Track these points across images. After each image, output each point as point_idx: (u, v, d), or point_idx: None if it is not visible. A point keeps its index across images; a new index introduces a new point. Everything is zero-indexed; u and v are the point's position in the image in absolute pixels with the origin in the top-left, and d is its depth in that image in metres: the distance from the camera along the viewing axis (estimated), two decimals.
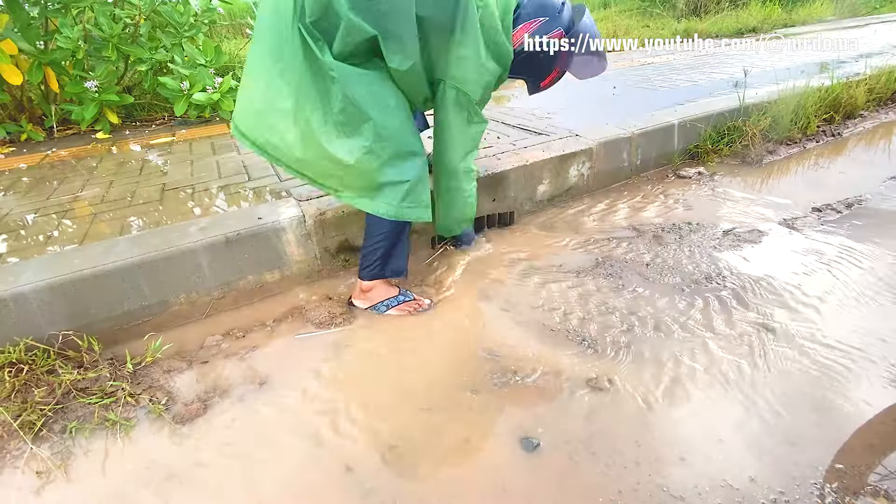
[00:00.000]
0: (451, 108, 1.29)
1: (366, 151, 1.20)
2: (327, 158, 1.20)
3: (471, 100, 1.28)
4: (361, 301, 1.48)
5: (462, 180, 1.41)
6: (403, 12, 1.11)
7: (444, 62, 1.22)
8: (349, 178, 1.24)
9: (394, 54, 1.15)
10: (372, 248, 1.39)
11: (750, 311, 1.38)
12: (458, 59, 1.21)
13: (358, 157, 1.19)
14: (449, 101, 1.28)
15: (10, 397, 1.14)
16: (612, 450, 1.00)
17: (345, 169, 1.21)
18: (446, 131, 1.33)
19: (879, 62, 3.42)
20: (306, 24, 1.09)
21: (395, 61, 1.16)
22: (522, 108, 2.92)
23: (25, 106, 2.83)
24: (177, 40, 2.85)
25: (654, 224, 1.91)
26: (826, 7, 7.95)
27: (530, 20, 1.30)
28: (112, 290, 1.33)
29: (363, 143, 1.19)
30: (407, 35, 1.14)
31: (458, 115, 1.30)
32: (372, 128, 1.19)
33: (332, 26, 1.11)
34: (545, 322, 1.39)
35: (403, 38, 1.14)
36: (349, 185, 1.26)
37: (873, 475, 0.92)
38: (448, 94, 1.27)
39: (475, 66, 1.23)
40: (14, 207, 1.79)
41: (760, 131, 2.55)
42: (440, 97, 1.29)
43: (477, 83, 1.26)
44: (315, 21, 1.09)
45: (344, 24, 1.09)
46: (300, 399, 1.18)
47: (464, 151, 1.37)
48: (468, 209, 1.49)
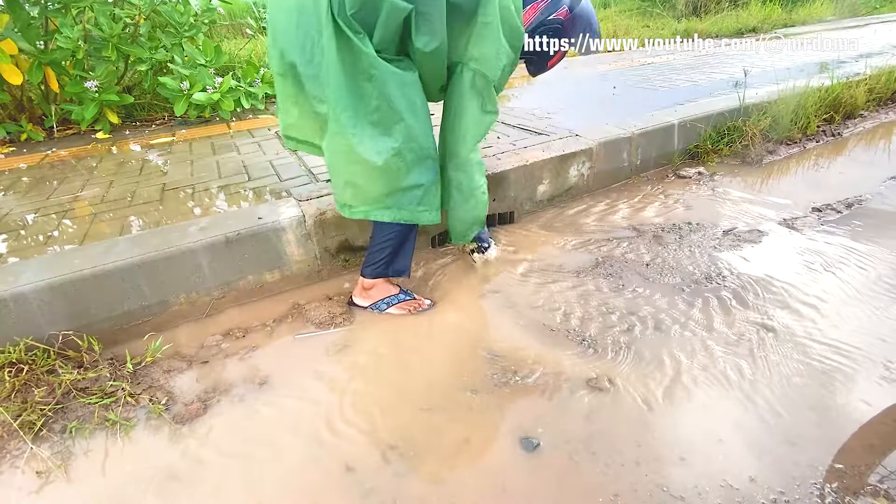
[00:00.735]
0: (467, 92, 1.29)
1: (394, 153, 1.20)
2: (354, 161, 1.20)
3: (488, 82, 1.27)
4: (362, 299, 1.48)
5: (474, 172, 1.41)
6: None
7: (463, 43, 1.23)
8: (369, 185, 1.23)
9: (423, 34, 1.15)
10: (379, 247, 1.39)
11: (750, 311, 1.38)
12: (479, 38, 1.22)
13: (386, 159, 1.20)
14: (465, 85, 1.28)
15: (10, 397, 1.14)
16: (612, 450, 1.00)
17: (368, 173, 1.21)
18: (459, 118, 1.33)
19: (879, 62, 3.42)
20: (347, 17, 1.08)
21: (423, 41, 1.16)
22: (522, 108, 2.92)
23: (25, 106, 2.83)
24: (177, 40, 2.85)
25: (654, 224, 1.91)
26: (826, 7, 7.95)
27: (537, 1, 1.30)
28: (112, 290, 1.33)
29: (392, 145, 1.20)
30: (437, 14, 1.14)
31: (473, 100, 1.30)
32: (403, 129, 1.20)
33: (373, 14, 1.10)
34: (545, 322, 1.39)
35: (433, 16, 1.14)
36: (364, 196, 1.25)
37: (873, 475, 0.92)
38: (465, 76, 1.27)
39: (495, 45, 1.23)
40: (14, 207, 1.79)
41: (760, 131, 2.55)
42: (456, 80, 1.28)
43: (495, 64, 1.25)
44: (356, 12, 1.08)
45: (386, 7, 1.08)
46: (300, 399, 1.18)
47: (474, 142, 1.37)
48: (480, 208, 1.48)
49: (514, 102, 3.14)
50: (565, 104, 2.98)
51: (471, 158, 1.39)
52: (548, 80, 3.92)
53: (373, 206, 1.27)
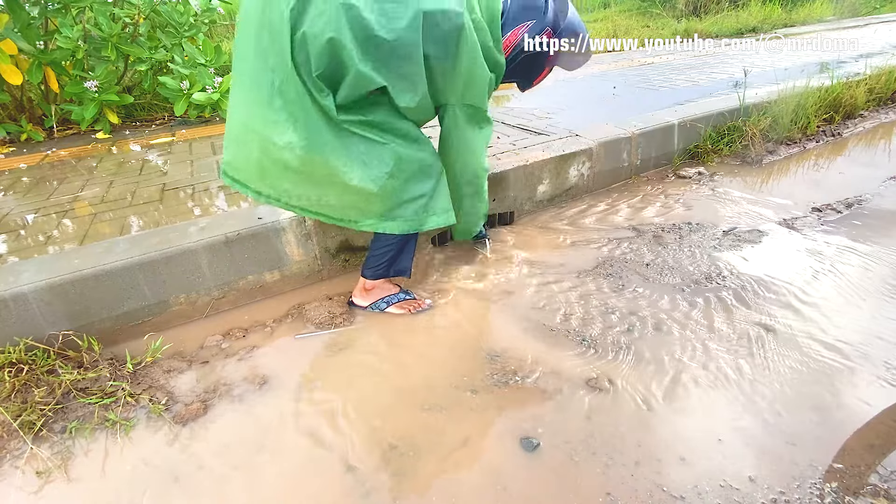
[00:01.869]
0: (466, 126, 1.31)
1: (389, 176, 1.21)
2: (351, 192, 1.20)
3: (480, 111, 1.31)
4: (362, 298, 1.48)
5: (482, 179, 1.45)
6: (414, 57, 1.11)
7: (451, 87, 1.23)
8: (371, 205, 1.24)
9: (403, 94, 1.15)
10: (382, 250, 1.39)
11: (750, 311, 1.39)
12: (471, 83, 1.23)
13: (382, 184, 1.20)
14: (462, 121, 1.30)
15: (10, 397, 1.14)
16: (612, 450, 1.00)
17: (367, 197, 1.21)
18: (465, 145, 1.35)
19: (879, 62, 3.42)
20: (312, 77, 1.07)
21: (405, 100, 1.16)
22: (522, 108, 2.92)
23: (25, 106, 2.83)
24: (177, 40, 2.85)
25: (654, 224, 1.91)
26: (826, 7, 7.95)
27: (518, 25, 1.28)
28: (112, 290, 1.33)
29: (385, 170, 1.20)
30: (417, 76, 1.14)
31: (473, 129, 1.33)
32: (392, 152, 1.20)
33: (339, 76, 1.09)
34: (545, 322, 1.39)
35: (414, 79, 1.14)
36: (369, 212, 1.26)
37: (873, 475, 0.92)
38: (459, 115, 1.29)
39: (481, 83, 1.25)
40: (14, 207, 1.79)
41: (760, 131, 2.55)
42: (451, 120, 1.30)
43: (483, 96, 1.29)
44: (321, 73, 1.07)
45: (353, 74, 1.07)
46: (300, 399, 1.18)
47: (484, 155, 1.42)
48: (483, 206, 1.52)
49: (514, 102, 3.15)
50: (565, 104, 2.98)
51: (482, 171, 1.43)
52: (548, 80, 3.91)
53: (378, 219, 1.27)
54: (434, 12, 1.08)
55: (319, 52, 1.04)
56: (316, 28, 1.02)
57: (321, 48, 1.03)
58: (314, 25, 1.02)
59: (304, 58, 1.05)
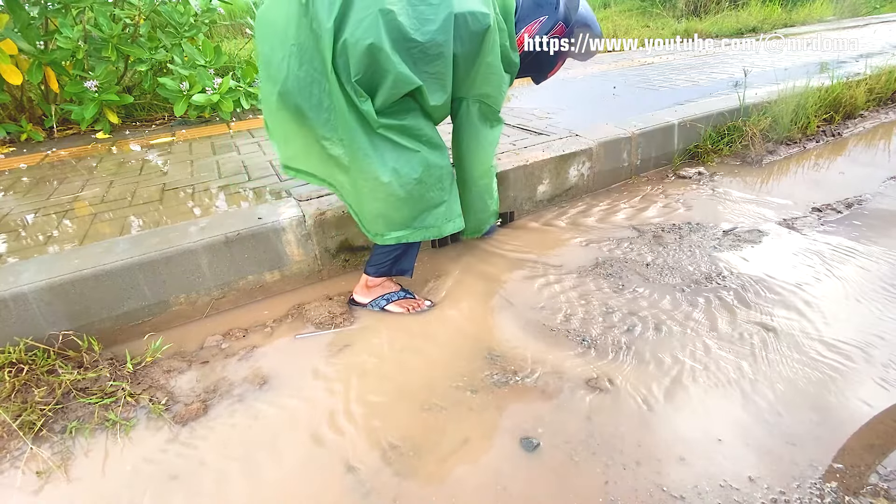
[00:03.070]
0: (478, 122, 1.37)
1: (417, 182, 1.24)
2: (379, 199, 1.24)
3: (494, 110, 1.36)
4: (363, 295, 1.48)
5: (491, 177, 1.50)
6: (445, 56, 1.15)
7: (468, 83, 1.28)
8: (399, 213, 1.27)
9: (435, 93, 1.20)
10: (387, 249, 1.40)
11: (750, 311, 1.38)
12: (485, 79, 1.28)
13: (409, 190, 1.23)
14: (475, 117, 1.35)
15: (10, 397, 1.14)
16: (612, 450, 1.00)
17: (394, 204, 1.24)
18: (476, 141, 1.40)
19: (879, 62, 3.42)
20: (352, 82, 1.10)
21: (436, 98, 1.21)
22: (522, 108, 2.92)
23: (25, 106, 2.83)
24: (176, 40, 2.85)
25: (654, 224, 1.91)
26: (826, 7, 7.95)
27: (530, 22, 1.31)
28: (112, 290, 1.33)
29: (414, 176, 1.23)
30: (446, 75, 1.19)
31: (485, 126, 1.38)
32: (422, 159, 1.24)
33: (376, 81, 1.12)
34: (545, 322, 1.39)
35: (444, 77, 1.19)
36: (396, 222, 1.28)
37: (873, 475, 0.92)
38: (472, 109, 1.34)
39: (498, 81, 1.29)
40: (14, 207, 1.79)
41: (760, 131, 2.55)
42: (464, 114, 1.35)
43: (500, 94, 1.34)
44: (359, 79, 1.10)
45: (393, 77, 1.10)
46: (300, 399, 1.18)
47: (493, 154, 1.46)
48: (493, 203, 1.56)
49: (514, 102, 3.14)
50: (565, 104, 2.98)
51: (493, 168, 1.49)
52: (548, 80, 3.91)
53: (403, 230, 1.30)
54: (464, 14, 1.14)
55: (359, 58, 1.07)
56: (356, 35, 1.05)
57: (361, 54, 1.06)
58: (354, 33, 1.05)
59: (343, 64, 1.09)
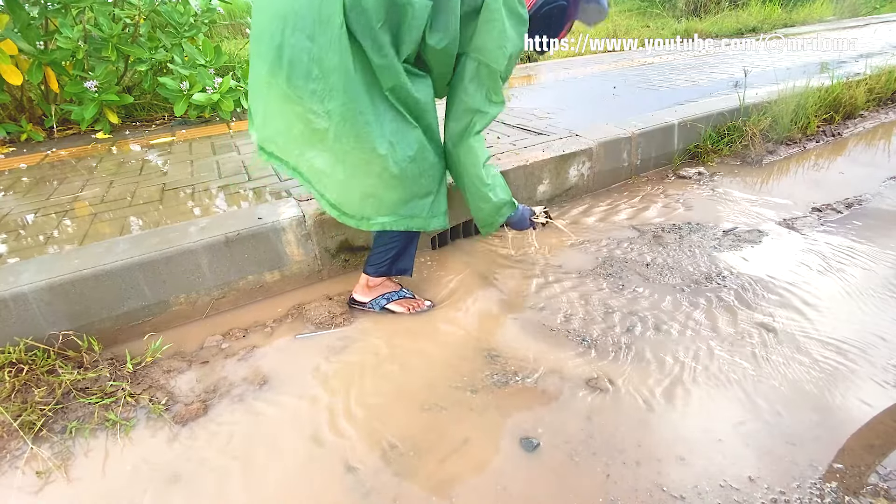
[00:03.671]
0: (469, 81, 1.25)
1: (410, 161, 1.22)
2: (373, 174, 1.20)
3: (492, 71, 1.24)
4: (363, 295, 1.48)
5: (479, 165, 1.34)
6: None
7: (468, 35, 1.22)
8: (389, 193, 1.24)
9: (436, 31, 1.15)
10: (385, 248, 1.39)
11: (750, 311, 1.38)
12: (484, 30, 1.20)
13: (403, 167, 1.21)
14: (469, 73, 1.25)
15: (10, 397, 1.14)
16: (613, 450, 1.00)
17: (386, 182, 1.22)
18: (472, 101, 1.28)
19: (879, 62, 3.42)
20: (374, 32, 1.07)
21: (435, 38, 1.16)
22: (522, 108, 2.92)
23: (25, 106, 2.83)
24: (177, 40, 2.85)
25: (654, 224, 1.91)
26: (826, 7, 7.95)
27: None
28: (112, 290, 1.33)
29: (409, 153, 1.21)
30: (452, 9, 1.14)
31: (478, 90, 1.26)
32: (418, 137, 1.22)
33: (398, 21, 1.09)
34: (545, 322, 1.39)
35: (449, 13, 1.15)
36: (385, 205, 1.25)
37: (873, 475, 0.92)
38: (468, 65, 1.24)
39: (499, 35, 1.20)
40: (14, 207, 1.79)
41: (760, 131, 2.55)
42: (459, 71, 1.27)
43: (500, 53, 1.22)
44: (382, 24, 1.07)
45: (411, 9, 1.07)
46: (300, 399, 1.18)
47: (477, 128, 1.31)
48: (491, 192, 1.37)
49: (514, 102, 3.14)
50: (565, 104, 2.98)
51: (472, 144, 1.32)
52: (548, 80, 3.92)
53: (389, 216, 1.27)
54: None
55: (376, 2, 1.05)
56: None
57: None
58: None
59: (358, 16, 1.05)
